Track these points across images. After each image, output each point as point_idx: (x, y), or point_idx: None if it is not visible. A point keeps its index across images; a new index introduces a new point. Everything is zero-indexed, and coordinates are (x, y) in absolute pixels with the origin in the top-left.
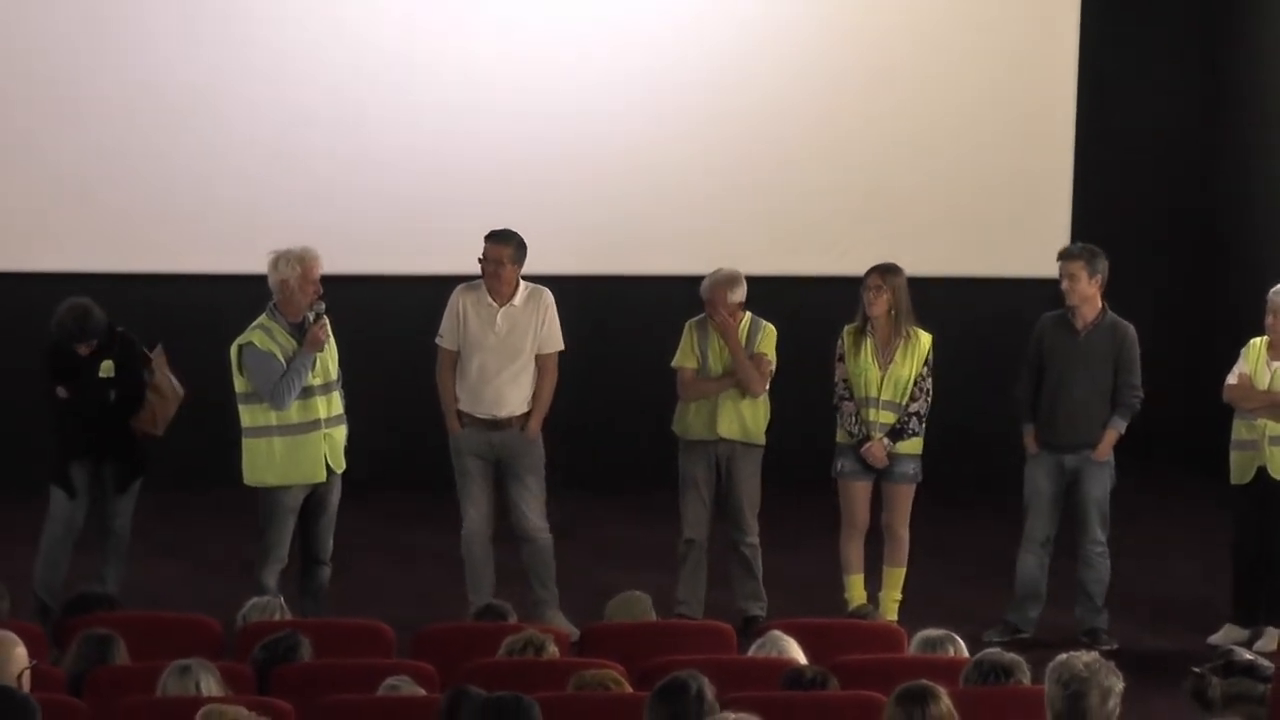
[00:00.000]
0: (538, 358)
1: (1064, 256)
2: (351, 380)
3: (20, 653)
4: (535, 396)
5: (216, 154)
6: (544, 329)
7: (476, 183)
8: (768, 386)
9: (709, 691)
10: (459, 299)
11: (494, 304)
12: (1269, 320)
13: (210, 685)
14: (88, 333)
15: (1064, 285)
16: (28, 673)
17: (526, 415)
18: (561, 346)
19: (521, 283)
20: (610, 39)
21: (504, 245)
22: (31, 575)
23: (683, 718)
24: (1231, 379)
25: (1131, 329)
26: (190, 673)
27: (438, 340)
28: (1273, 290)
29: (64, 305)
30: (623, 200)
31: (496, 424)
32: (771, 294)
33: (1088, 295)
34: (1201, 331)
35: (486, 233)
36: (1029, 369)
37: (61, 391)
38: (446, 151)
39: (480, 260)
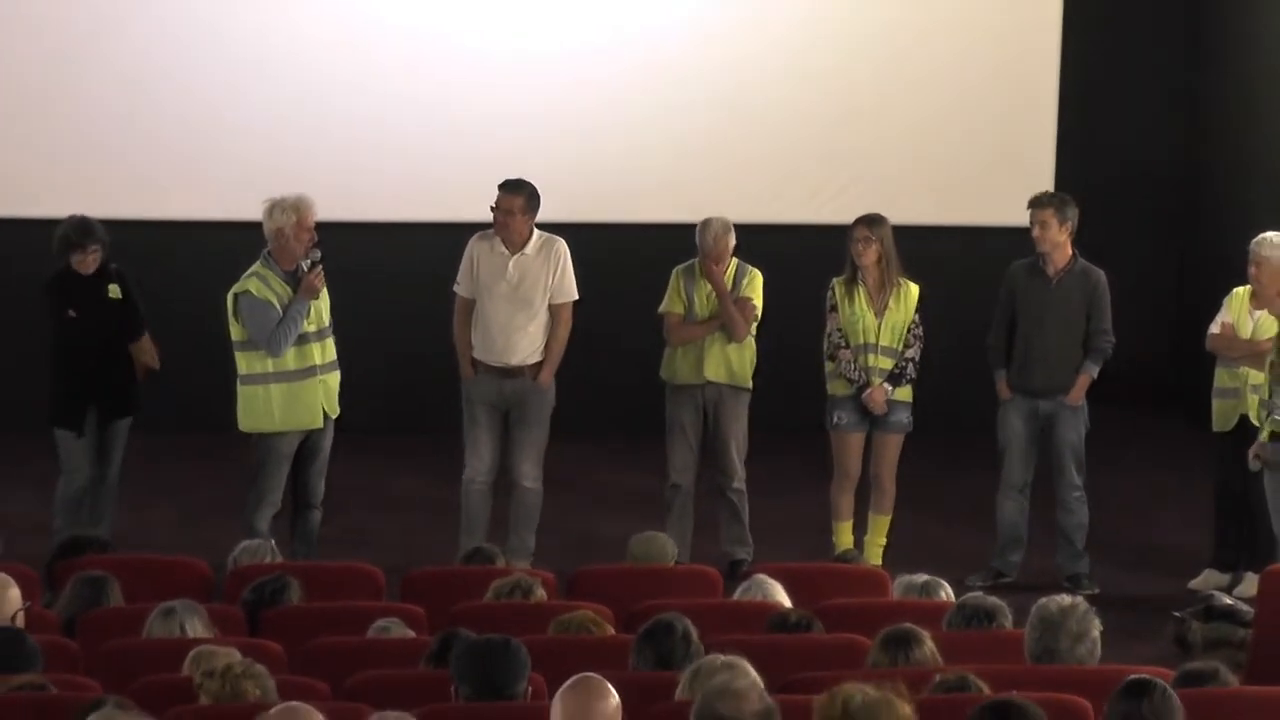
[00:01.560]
0: (552, 307)
1: (1034, 204)
2: (347, 327)
3: (14, 594)
4: (548, 346)
5: (218, 101)
6: (557, 279)
7: (474, 134)
8: (753, 331)
9: (694, 633)
10: (473, 247)
11: (505, 252)
12: (1251, 270)
13: (196, 627)
14: (91, 236)
15: (1035, 233)
16: (22, 614)
17: (539, 364)
18: (575, 296)
19: (535, 232)
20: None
21: (515, 195)
22: (50, 527)
23: (669, 659)
24: (1214, 328)
25: (1103, 275)
26: (175, 615)
27: (454, 288)
28: (1254, 241)
29: (63, 222)
30: (610, 150)
31: (508, 372)
32: (754, 241)
33: (1058, 242)
34: (1180, 282)
35: (500, 182)
36: (1001, 316)
37: (72, 312)
38: (449, 102)
39: (492, 209)
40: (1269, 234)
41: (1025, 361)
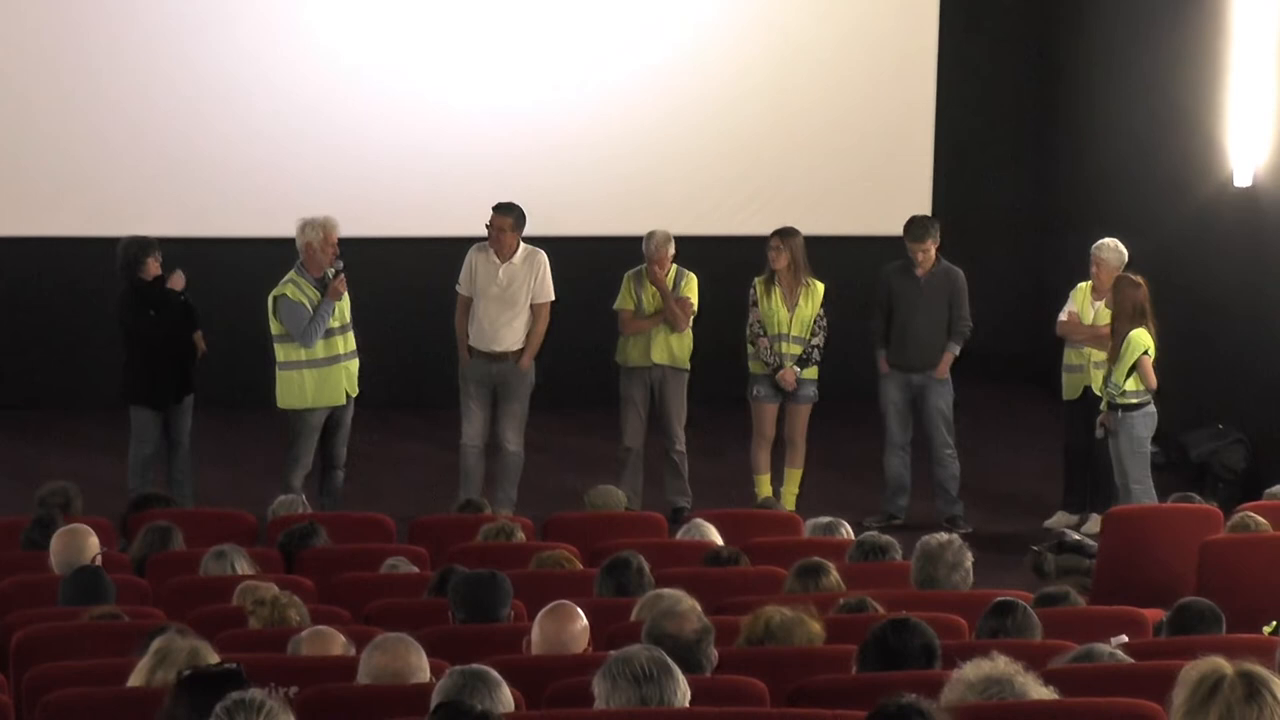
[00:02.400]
0: (533, 305)
1: (915, 238)
2: (369, 322)
3: (93, 541)
4: (529, 337)
5: (252, 134)
6: (538, 283)
7: (471, 165)
8: (691, 323)
9: (646, 567)
10: (472, 256)
11: (497, 261)
12: (1092, 269)
13: (242, 566)
14: (153, 247)
15: (919, 257)
16: (99, 557)
17: (521, 351)
18: (553, 297)
19: (522, 244)
20: (550, 41)
21: (506, 215)
22: (127, 486)
23: (626, 587)
24: (1062, 316)
25: (961, 273)
26: (225, 556)
27: (457, 288)
28: (1094, 245)
29: (121, 242)
30: (578, 179)
31: (496, 357)
32: (691, 249)
33: (932, 256)
34: (1039, 276)
35: (494, 204)
36: (880, 307)
37: (152, 312)
38: (451, 140)
39: (487, 226)
40: (1106, 239)
41: (901, 343)
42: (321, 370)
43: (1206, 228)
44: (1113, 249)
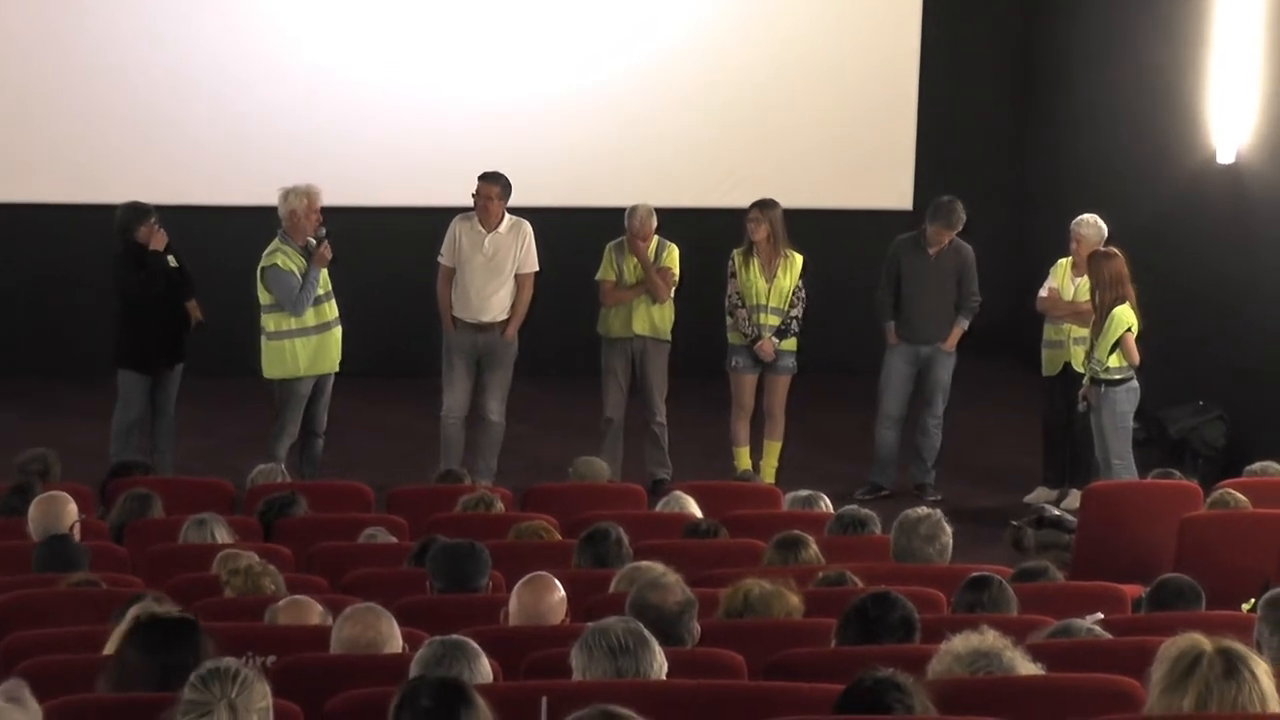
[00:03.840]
0: (518, 276)
1: (947, 224)
2: (352, 291)
3: (72, 508)
4: (514, 307)
5: (233, 102)
6: (523, 253)
7: (457, 134)
8: (672, 294)
9: (625, 538)
10: (456, 225)
11: (483, 230)
12: (1072, 245)
13: (222, 534)
14: (149, 212)
15: (940, 238)
16: (78, 524)
17: (506, 321)
18: (537, 268)
19: (507, 214)
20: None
21: (492, 184)
22: (107, 451)
23: (604, 558)
24: (1043, 292)
25: (971, 250)
26: (205, 524)
27: (439, 259)
28: (1074, 221)
29: (119, 207)
30: (561, 152)
31: (481, 327)
32: (674, 221)
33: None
34: (1020, 252)
35: (480, 173)
36: (888, 278)
37: (143, 277)
38: (436, 109)
39: (473, 195)
40: (1086, 215)
41: (910, 316)
42: (313, 338)
43: (1189, 205)
44: (1092, 224)
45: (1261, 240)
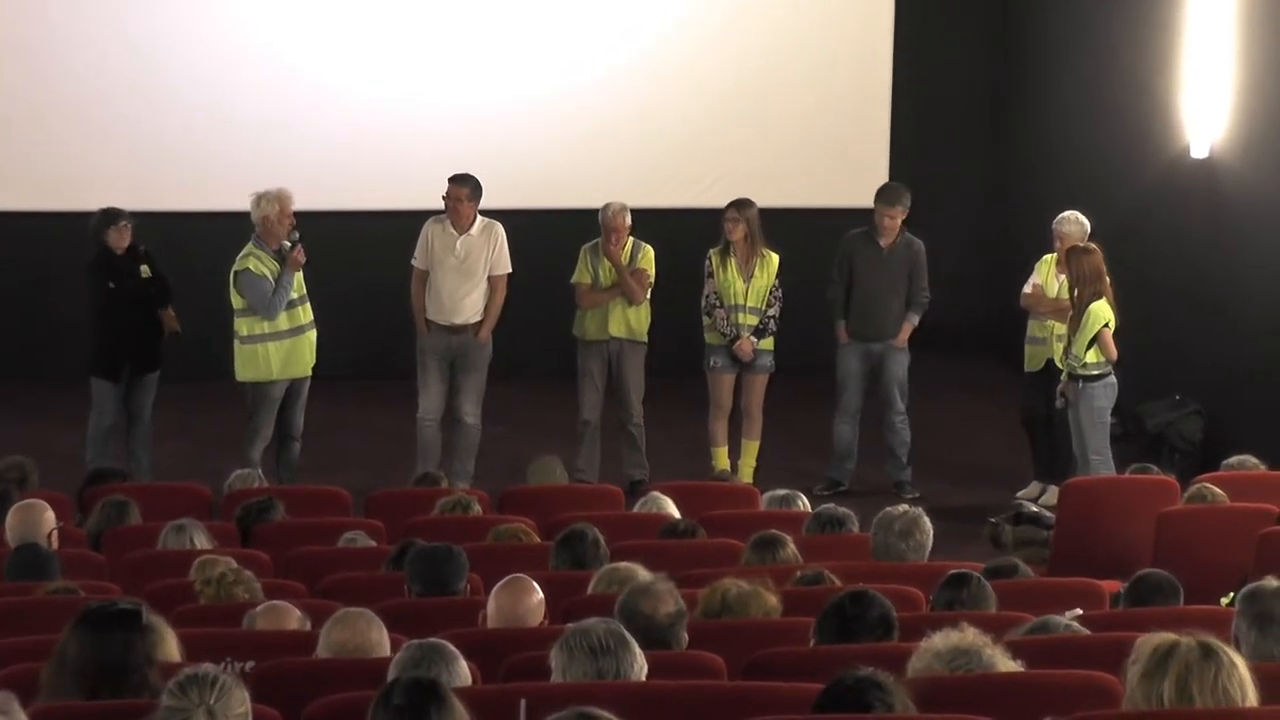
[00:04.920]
0: (490, 278)
1: (887, 201)
2: (326, 293)
3: (49, 516)
4: (487, 309)
5: (206, 108)
6: (495, 255)
7: (426, 138)
8: (648, 295)
9: (602, 539)
10: (428, 228)
11: (454, 233)
12: (1056, 243)
13: (201, 540)
14: (121, 215)
15: (885, 223)
16: (55, 532)
17: (480, 323)
18: (509, 270)
19: (479, 216)
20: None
21: (462, 186)
22: (80, 457)
23: (582, 559)
24: (1027, 289)
25: (922, 245)
26: (184, 530)
27: (412, 261)
28: (1056, 219)
29: (94, 212)
30: (534, 152)
31: (454, 329)
32: (650, 221)
33: (898, 226)
34: (996, 249)
35: (450, 175)
36: (839, 276)
37: (111, 284)
38: (405, 113)
39: (444, 197)
40: (1067, 212)
41: (861, 313)
42: (286, 342)
43: (1163, 199)
44: (1074, 221)
45: (1236, 234)
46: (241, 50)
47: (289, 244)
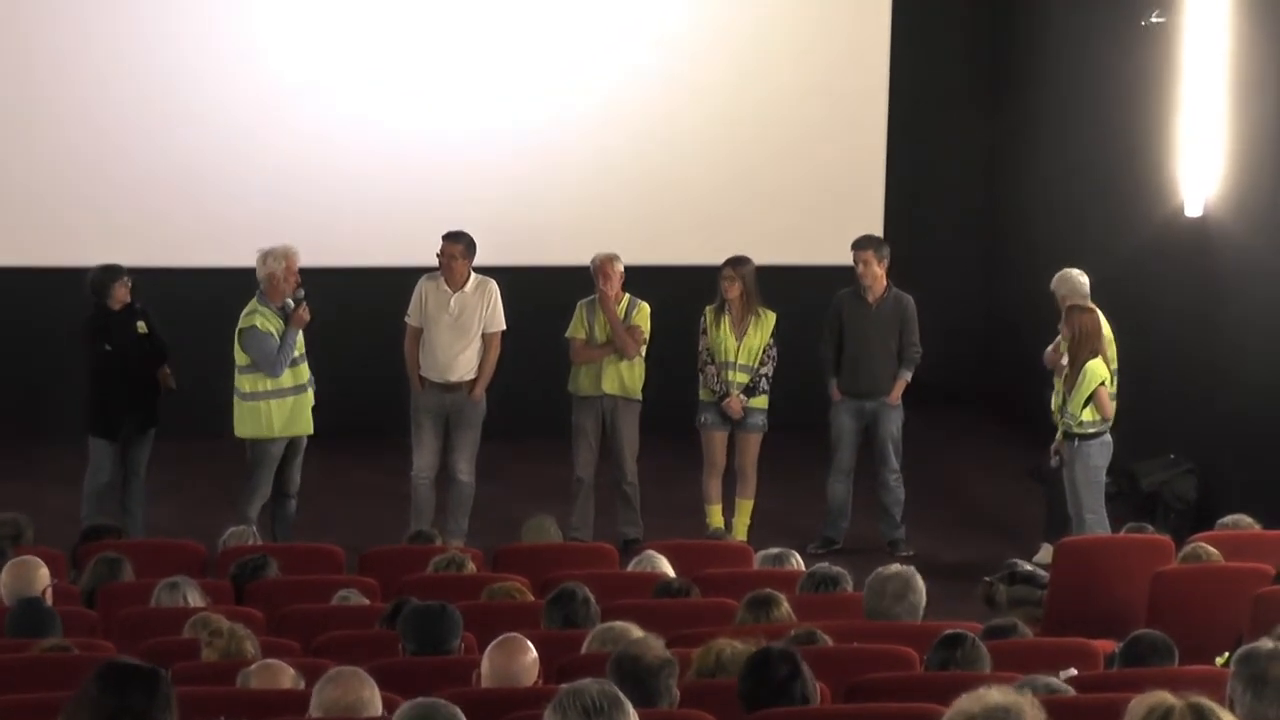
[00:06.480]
0: (484, 335)
1: (857, 246)
2: (322, 351)
3: (44, 573)
4: (481, 366)
5: (204, 165)
6: (489, 312)
7: (422, 198)
8: (642, 352)
9: (592, 597)
10: (422, 285)
11: (448, 290)
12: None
13: (194, 598)
14: (120, 271)
15: (860, 270)
16: (49, 589)
17: (474, 381)
18: (504, 327)
19: (472, 273)
20: (503, 74)
21: (456, 243)
22: (79, 514)
23: (573, 618)
24: (1050, 348)
25: (911, 300)
26: (178, 588)
27: (406, 319)
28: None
29: (91, 269)
30: (530, 210)
31: (449, 387)
32: (646, 279)
33: (878, 275)
34: (989, 306)
35: (443, 233)
36: (830, 334)
37: (108, 346)
38: (403, 175)
39: (438, 255)
40: (1065, 271)
41: (853, 370)
42: (288, 400)
43: (1157, 257)
44: (1063, 280)
45: (1230, 293)
46: (242, 109)
47: (293, 301)
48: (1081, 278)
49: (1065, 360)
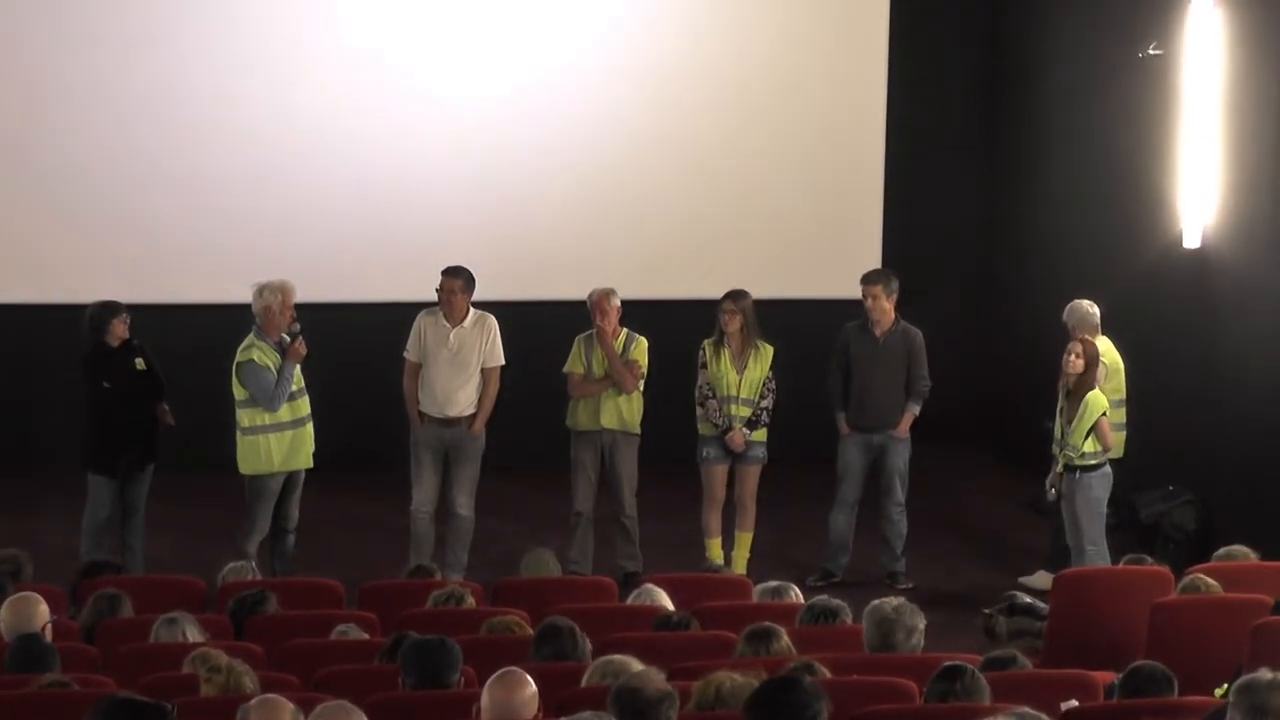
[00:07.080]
0: (484, 370)
1: (867, 281)
2: (320, 385)
3: (43, 609)
4: (480, 401)
5: (199, 201)
6: (488, 347)
7: (422, 233)
8: (640, 386)
9: (578, 630)
10: (421, 320)
11: (448, 325)
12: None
13: (193, 633)
14: (116, 310)
15: (868, 304)
16: (49, 625)
17: (473, 416)
18: (502, 362)
19: (471, 308)
20: (500, 107)
21: (455, 278)
22: (79, 550)
23: (563, 652)
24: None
25: (919, 333)
26: (177, 623)
27: (405, 354)
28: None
29: (90, 305)
30: (529, 246)
31: (448, 422)
32: (643, 312)
33: (886, 310)
34: (989, 337)
35: (442, 268)
36: (837, 367)
37: (106, 384)
38: (400, 210)
39: (437, 290)
40: (1075, 302)
41: (860, 404)
42: (288, 434)
43: (1155, 288)
44: (1070, 311)
45: (1228, 324)
46: (235, 143)
47: (289, 336)
48: (1091, 309)
49: (1063, 393)
